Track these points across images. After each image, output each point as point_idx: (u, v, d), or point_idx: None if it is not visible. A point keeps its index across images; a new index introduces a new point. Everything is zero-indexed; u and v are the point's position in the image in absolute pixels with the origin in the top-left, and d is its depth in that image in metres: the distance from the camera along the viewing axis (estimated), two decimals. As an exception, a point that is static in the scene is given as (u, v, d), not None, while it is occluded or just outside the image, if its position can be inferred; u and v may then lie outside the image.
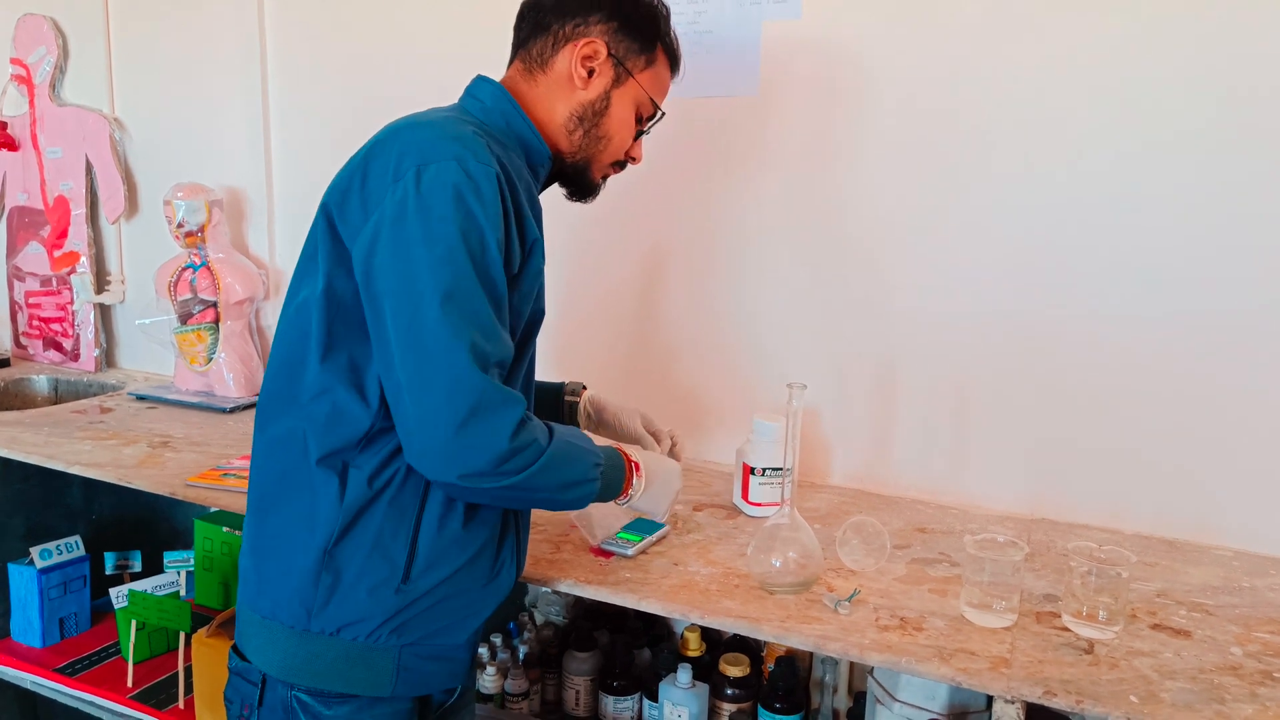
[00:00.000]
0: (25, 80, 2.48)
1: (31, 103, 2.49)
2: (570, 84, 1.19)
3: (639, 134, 1.27)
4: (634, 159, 1.29)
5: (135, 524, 2.33)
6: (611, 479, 1.17)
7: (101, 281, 2.51)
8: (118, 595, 1.94)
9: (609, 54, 1.19)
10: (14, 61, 2.49)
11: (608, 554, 1.39)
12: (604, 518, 1.45)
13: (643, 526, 1.45)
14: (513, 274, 1.06)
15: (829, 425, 1.76)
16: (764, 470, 1.55)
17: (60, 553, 2.04)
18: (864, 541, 1.36)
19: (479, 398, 0.97)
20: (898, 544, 1.45)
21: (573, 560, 1.37)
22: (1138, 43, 1.45)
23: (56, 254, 2.52)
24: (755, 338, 1.79)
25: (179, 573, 2.02)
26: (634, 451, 1.24)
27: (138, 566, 2.15)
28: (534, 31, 1.21)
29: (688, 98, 1.74)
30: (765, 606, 1.24)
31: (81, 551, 2.07)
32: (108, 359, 2.55)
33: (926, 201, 1.62)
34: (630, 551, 1.38)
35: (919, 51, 1.59)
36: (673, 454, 1.46)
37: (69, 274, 2.50)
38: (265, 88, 2.20)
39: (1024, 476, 1.62)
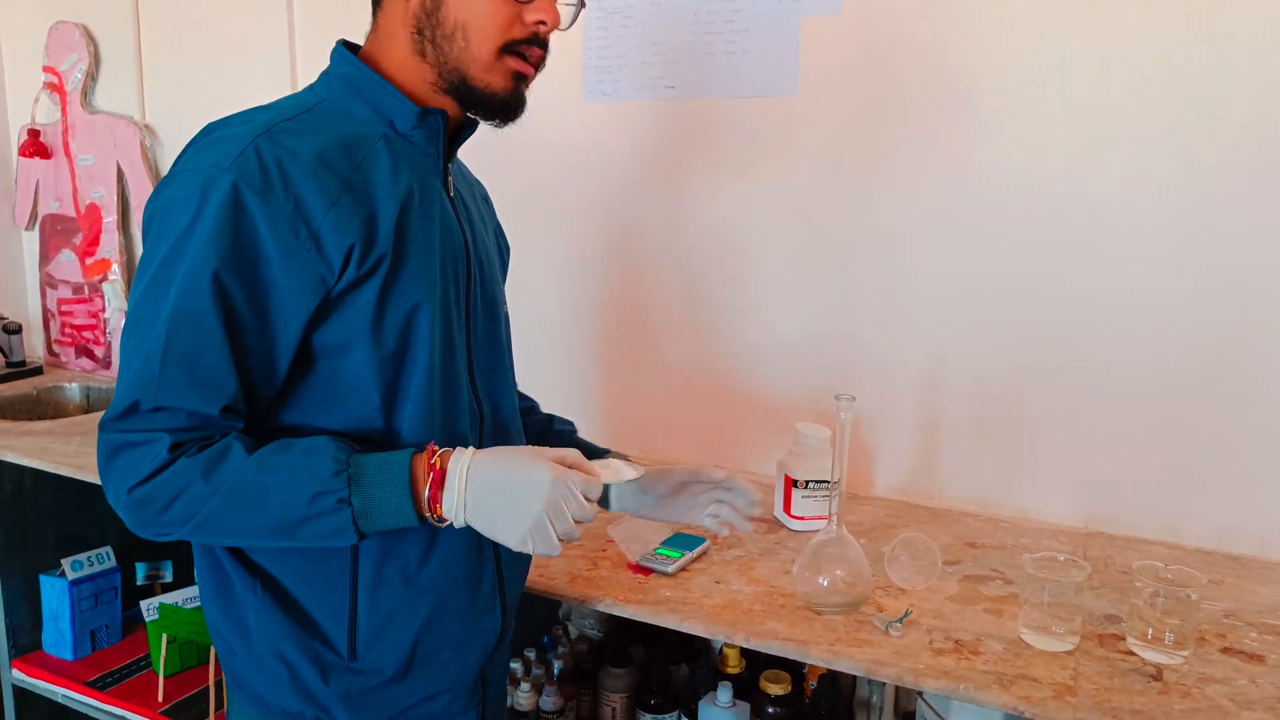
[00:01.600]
0: (57, 88, 2.48)
1: (64, 110, 2.48)
2: (398, 2, 0.98)
3: None
4: (540, 25, 0.98)
5: (166, 533, 2.32)
6: (382, 501, 0.90)
7: (133, 289, 2.50)
8: (148, 608, 1.92)
9: None
10: (46, 69, 2.49)
11: (647, 571, 1.34)
12: (640, 531, 1.41)
13: (682, 542, 1.40)
14: (295, 297, 0.90)
15: (872, 434, 1.70)
16: (808, 483, 1.50)
17: (91, 564, 2.02)
18: (913, 558, 1.31)
19: (106, 449, 0.89)
20: (948, 560, 1.39)
21: (610, 578, 1.32)
22: (1202, 44, 1.39)
23: (88, 261, 2.51)
24: (794, 344, 1.74)
25: (210, 584, 2.00)
26: (461, 457, 0.92)
27: (169, 576, 2.14)
28: None
29: (727, 97, 1.70)
30: (813, 628, 1.18)
31: (113, 562, 2.06)
32: (139, 367, 2.54)
33: (979, 205, 1.56)
34: (670, 569, 1.33)
35: (969, 47, 1.53)
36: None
37: (100, 281, 2.50)
38: (294, 88, 2.17)
39: (1078, 488, 1.55)
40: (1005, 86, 1.51)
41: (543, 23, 0.97)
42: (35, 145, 2.51)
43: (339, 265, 0.90)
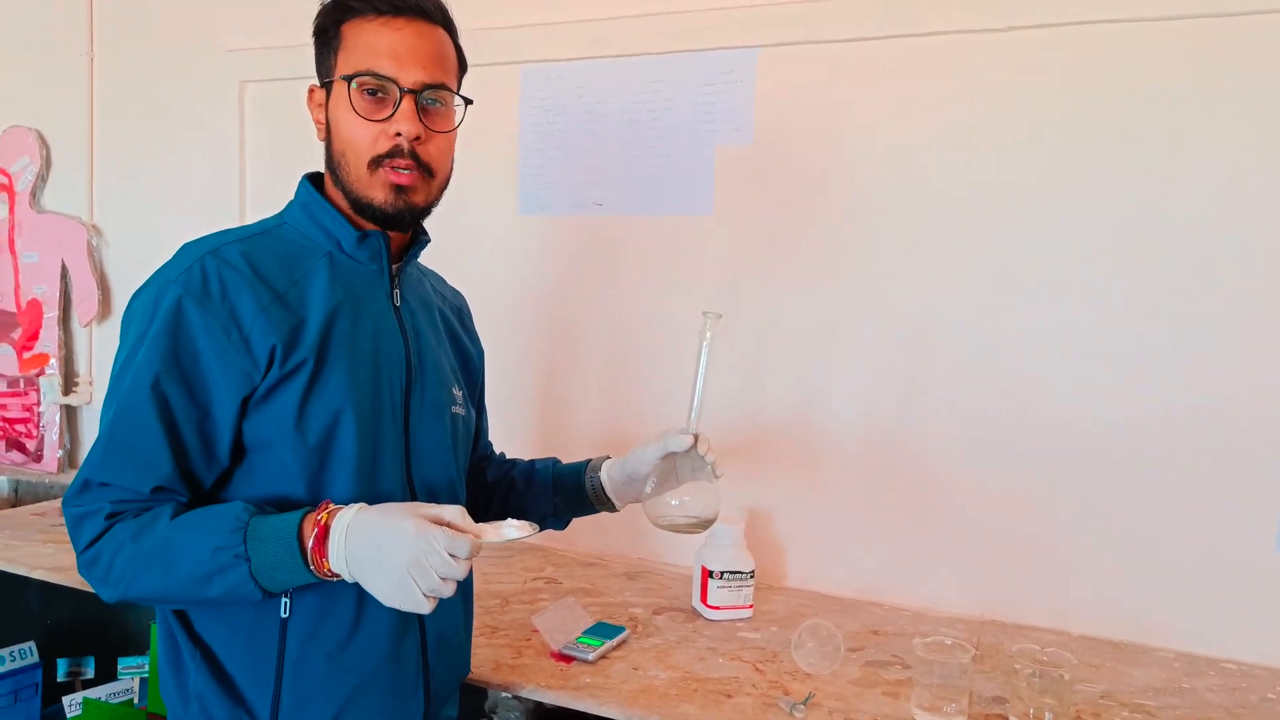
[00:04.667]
0: (7, 188, 2.54)
1: (11, 209, 2.54)
2: (322, 142, 1.13)
3: (396, 107, 1.06)
4: (397, 137, 1.05)
5: (90, 630, 2.30)
6: (273, 556, 0.96)
7: (69, 383, 2.53)
8: (70, 703, 1.91)
9: (321, 84, 1.12)
10: (-4, 170, 2.56)
11: (569, 659, 1.41)
12: (563, 621, 1.48)
13: (603, 631, 1.48)
14: (227, 391, 1.01)
15: (784, 529, 1.80)
16: (723, 574, 1.59)
17: (13, 659, 2.01)
18: (819, 644, 1.40)
19: (67, 521, 1.03)
20: (852, 646, 1.48)
21: (534, 665, 1.39)
22: (1087, 157, 1.57)
23: (26, 355, 2.54)
24: (713, 436, 1.84)
25: (133, 679, 2.00)
26: (346, 514, 0.97)
27: (90, 673, 2.12)
28: None
29: (648, 215, 1.85)
30: (723, 710, 1.26)
31: (35, 658, 2.04)
32: (71, 460, 2.55)
33: (869, 308, 1.71)
34: (591, 656, 1.40)
35: (863, 170, 1.70)
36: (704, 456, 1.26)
37: (37, 375, 2.52)
38: (242, 197, 2.27)
39: (974, 579, 1.67)
40: (891, 204, 1.68)
41: (398, 133, 1.06)
42: (-21, 242, 2.55)
43: (264, 364, 1.02)
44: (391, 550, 0.94)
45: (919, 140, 1.66)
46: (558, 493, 1.35)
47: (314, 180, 1.16)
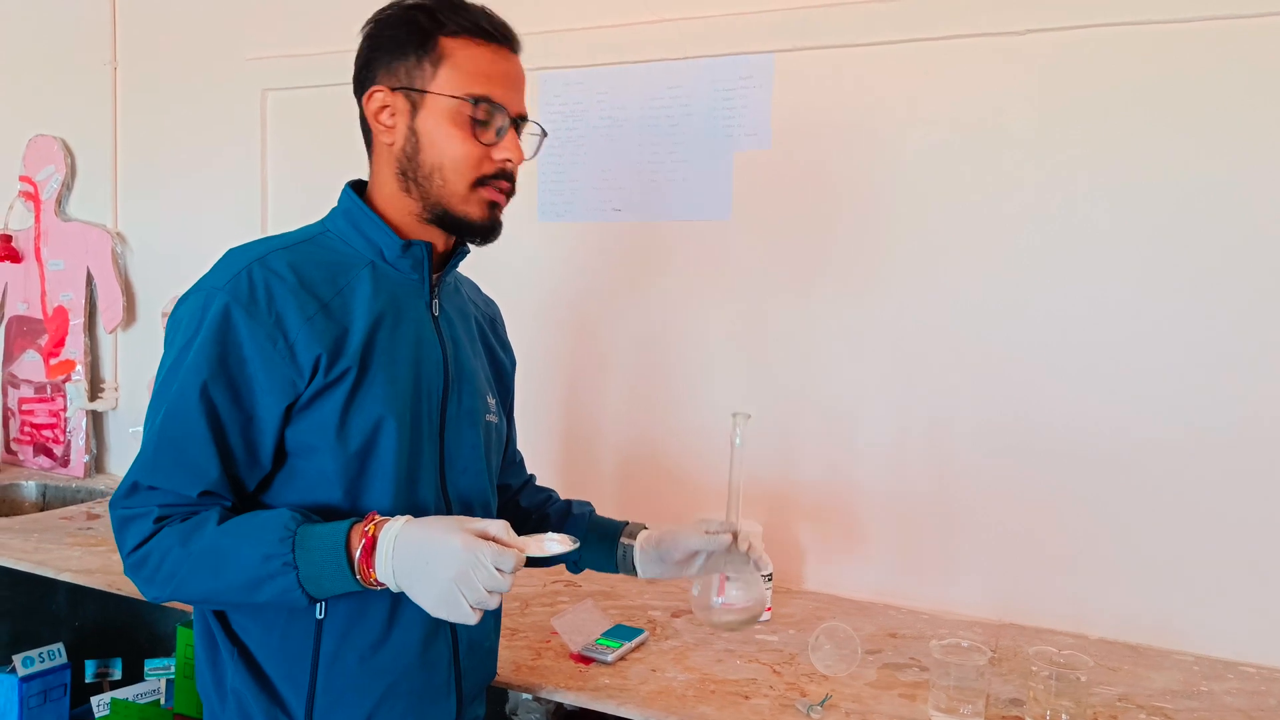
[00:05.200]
0: (33, 197, 2.59)
1: (37, 218, 2.59)
2: (383, 145, 1.12)
3: (497, 136, 1.10)
4: (507, 161, 1.11)
5: (117, 631, 2.34)
6: (321, 565, 0.98)
7: (96, 389, 2.57)
8: (99, 703, 1.94)
9: (393, 90, 1.10)
10: (23, 179, 2.60)
11: (588, 660, 1.42)
12: (582, 623, 1.50)
13: (622, 633, 1.49)
14: (272, 398, 1.03)
15: (803, 532, 1.81)
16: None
17: (43, 660, 2.04)
18: (836, 647, 1.41)
19: (114, 523, 1.05)
20: (870, 649, 1.49)
21: (553, 667, 1.40)
22: (1112, 152, 1.58)
23: (53, 362, 2.58)
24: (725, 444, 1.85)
25: (160, 680, 2.03)
26: (393, 526, 1.00)
27: (118, 674, 2.15)
28: (361, 120, 1.15)
29: (667, 221, 1.86)
30: (740, 711, 1.27)
31: (64, 659, 2.07)
32: (97, 465, 2.59)
33: (888, 312, 1.72)
34: (609, 658, 1.42)
35: (881, 174, 1.71)
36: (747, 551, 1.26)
37: (64, 381, 2.56)
38: (264, 204, 2.31)
39: (993, 583, 1.67)
40: (910, 209, 1.69)
41: (509, 160, 1.11)
42: (6, 250, 2.60)
43: (309, 372, 1.03)
44: (440, 564, 0.96)
45: (937, 145, 1.67)
46: (587, 546, 1.34)
47: (355, 188, 1.18)
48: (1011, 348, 1.64)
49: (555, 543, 1.06)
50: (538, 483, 1.46)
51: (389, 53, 1.10)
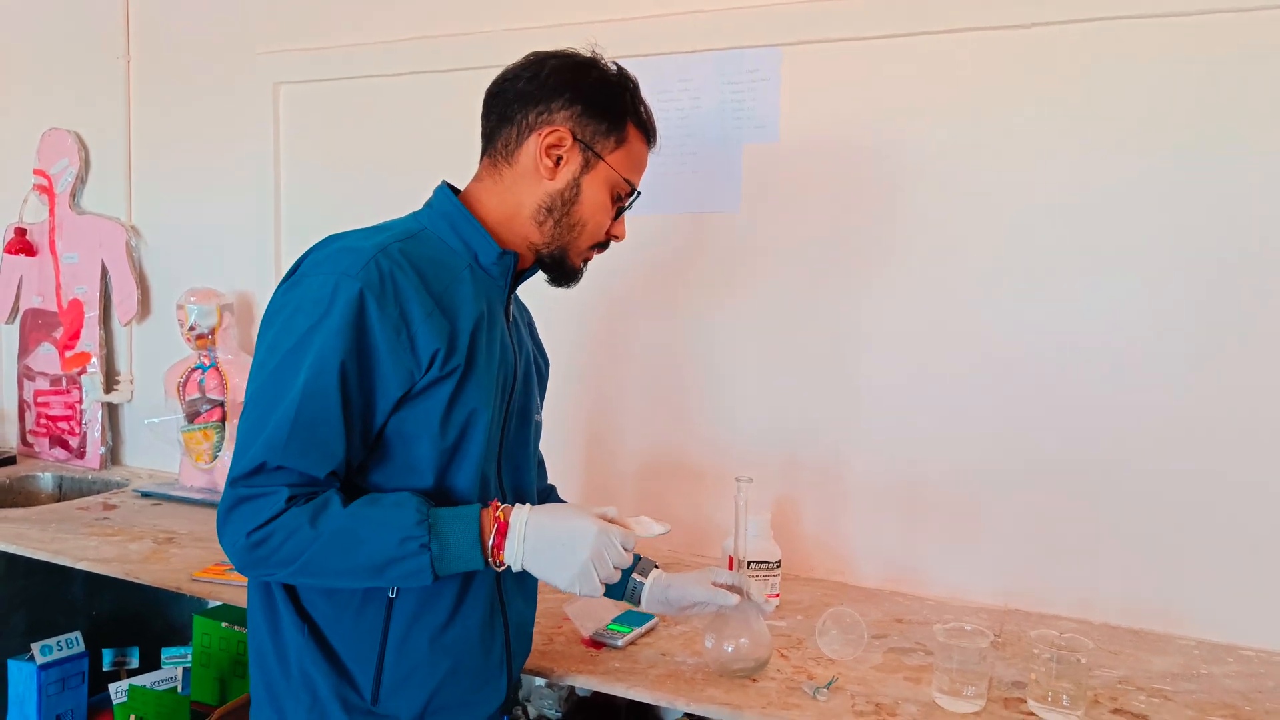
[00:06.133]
0: (47, 190, 2.62)
1: (51, 211, 2.62)
2: (537, 174, 1.19)
3: (619, 212, 1.25)
4: (615, 237, 1.27)
5: (134, 621, 2.37)
6: (454, 547, 1.07)
7: (111, 381, 2.60)
8: (117, 691, 1.97)
9: (575, 139, 1.18)
10: (37, 172, 2.63)
11: (599, 645, 1.45)
12: (594, 609, 1.52)
13: (632, 619, 1.52)
14: (390, 386, 1.08)
15: (810, 520, 1.84)
16: (750, 564, 1.62)
17: (61, 649, 2.07)
18: (842, 631, 1.43)
19: (230, 501, 1.06)
20: (876, 634, 1.51)
21: (565, 651, 1.43)
22: (1115, 160, 1.60)
23: (68, 354, 2.61)
24: (737, 436, 1.88)
25: (177, 669, 2.06)
26: (521, 512, 1.11)
27: (135, 663, 2.19)
28: (499, 123, 1.21)
29: (674, 214, 1.88)
30: (747, 694, 1.30)
31: (81, 648, 2.11)
32: (112, 456, 2.62)
33: (895, 303, 1.74)
34: (620, 643, 1.44)
35: (890, 167, 1.73)
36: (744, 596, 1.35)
37: (79, 374, 2.59)
38: (277, 197, 2.33)
39: (997, 569, 1.70)
40: (919, 201, 1.71)
41: (616, 237, 1.27)
42: (21, 243, 2.63)
43: (425, 364, 1.10)
44: (576, 545, 1.09)
45: (946, 137, 1.68)
46: None
47: (453, 190, 1.24)
48: (1020, 338, 1.66)
49: (654, 524, 1.18)
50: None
51: (585, 107, 1.18)
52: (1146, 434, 1.58)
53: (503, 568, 1.10)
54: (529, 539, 1.09)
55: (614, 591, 1.39)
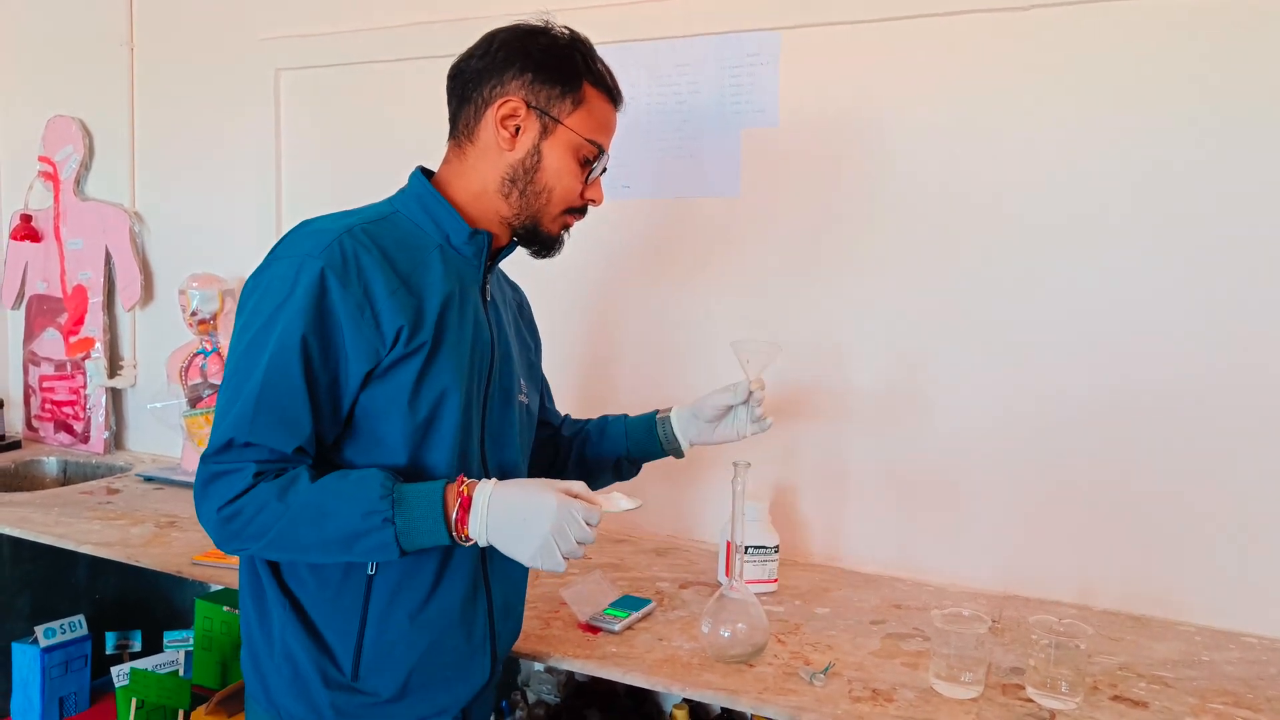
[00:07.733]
0: (52, 176, 2.62)
1: (56, 197, 2.62)
2: (498, 147, 1.20)
3: (590, 175, 1.25)
4: (592, 201, 1.27)
5: (137, 604, 2.38)
6: (418, 521, 1.07)
7: (114, 366, 2.60)
8: (119, 674, 1.98)
9: (530, 107, 1.18)
10: (42, 159, 2.63)
11: (595, 630, 1.45)
12: (591, 594, 1.52)
13: (629, 603, 1.52)
14: (356, 363, 1.09)
15: (808, 505, 1.83)
16: (747, 549, 1.62)
17: (64, 632, 2.09)
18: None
19: (204, 477, 1.09)
20: (874, 620, 1.51)
21: (561, 636, 1.43)
22: (1126, 137, 1.58)
23: (72, 340, 2.62)
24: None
25: (179, 652, 2.07)
26: (485, 487, 1.10)
27: (138, 646, 2.20)
28: (460, 104, 1.23)
29: (673, 198, 1.87)
30: (744, 679, 1.29)
31: (84, 631, 2.12)
32: (116, 441, 2.63)
33: (893, 287, 1.73)
34: (617, 627, 1.44)
35: (889, 150, 1.71)
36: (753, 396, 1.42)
37: (83, 359, 2.60)
38: (279, 182, 2.33)
39: (998, 555, 1.69)
40: (917, 184, 1.69)
41: (594, 200, 1.27)
42: (26, 229, 2.63)
43: (390, 341, 1.11)
44: (538, 519, 1.08)
45: (944, 120, 1.67)
46: (629, 437, 1.47)
47: (424, 174, 1.24)
48: (1018, 324, 1.64)
49: (624, 499, 1.16)
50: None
51: (535, 73, 1.19)
52: (1147, 418, 1.57)
53: (469, 543, 1.10)
54: (492, 513, 1.08)
55: (651, 444, 1.46)
